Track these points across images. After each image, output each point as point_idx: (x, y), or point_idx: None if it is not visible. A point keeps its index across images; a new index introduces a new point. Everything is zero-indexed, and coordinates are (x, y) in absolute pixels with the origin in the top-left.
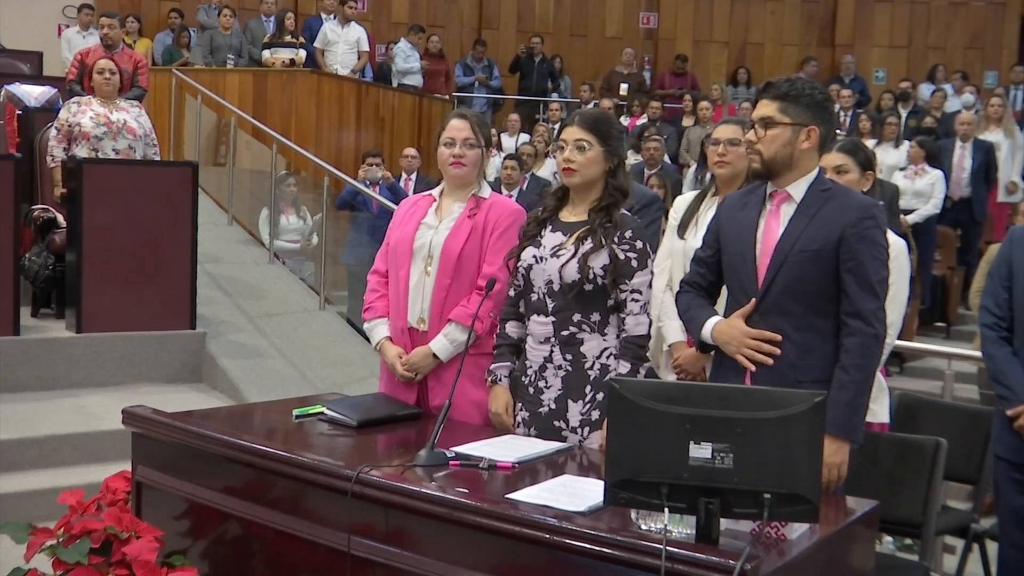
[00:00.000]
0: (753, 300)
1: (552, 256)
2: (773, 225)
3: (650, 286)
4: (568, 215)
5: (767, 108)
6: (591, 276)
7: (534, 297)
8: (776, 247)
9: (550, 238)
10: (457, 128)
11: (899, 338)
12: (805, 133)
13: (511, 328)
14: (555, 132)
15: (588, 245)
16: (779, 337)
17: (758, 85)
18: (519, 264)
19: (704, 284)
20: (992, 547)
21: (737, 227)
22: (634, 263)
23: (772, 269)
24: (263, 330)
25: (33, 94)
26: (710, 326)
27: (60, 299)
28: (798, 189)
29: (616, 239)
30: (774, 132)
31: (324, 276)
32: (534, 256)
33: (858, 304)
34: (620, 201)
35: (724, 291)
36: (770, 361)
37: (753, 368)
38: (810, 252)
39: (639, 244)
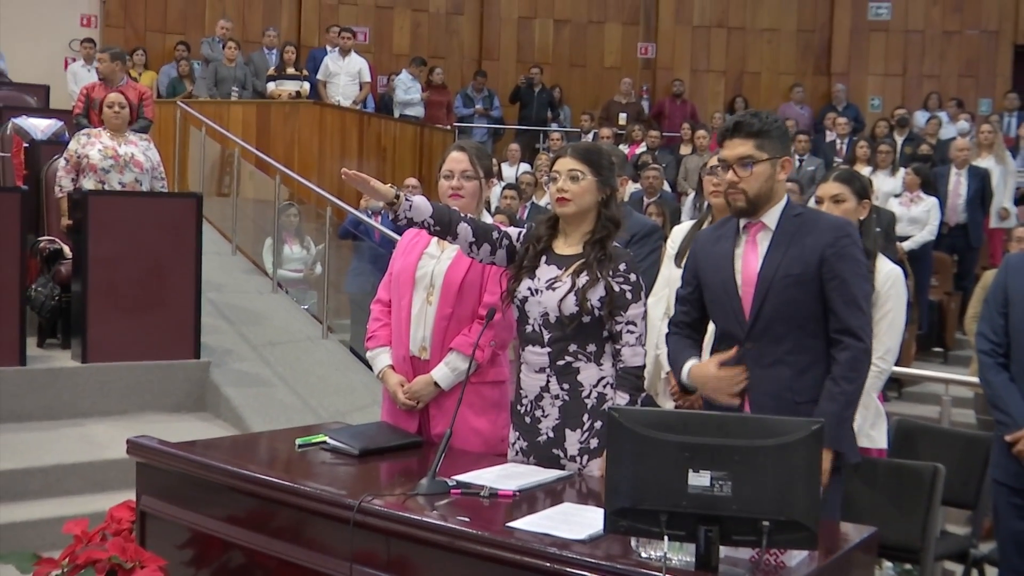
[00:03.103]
0: (735, 348)
1: (547, 289)
2: (751, 255)
3: (644, 317)
4: (562, 247)
5: (743, 147)
6: (589, 308)
7: (529, 328)
8: (759, 276)
9: (545, 271)
10: (456, 160)
11: (897, 364)
12: (780, 164)
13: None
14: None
15: (584, 278)
16: (743, 370)
17: (724, 123)
18: (515, 295)
19: (689, 321)
20: (991, 572)
21: (714, 261)
22: (629, 295)
23: (758, 297)
24: (266, 359)
25: (40, 127)
26: (686, 370)
27: (66, 329)
28: (771, 218)
29: (611, 272)
30: (758, 169)
31: (327, 305)
32: (529, 288)
33: (846, 321)
34: (613, 233)
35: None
36: (737, 401)
37: (736, 402)
38: (793, 277)
39: (633, 277)
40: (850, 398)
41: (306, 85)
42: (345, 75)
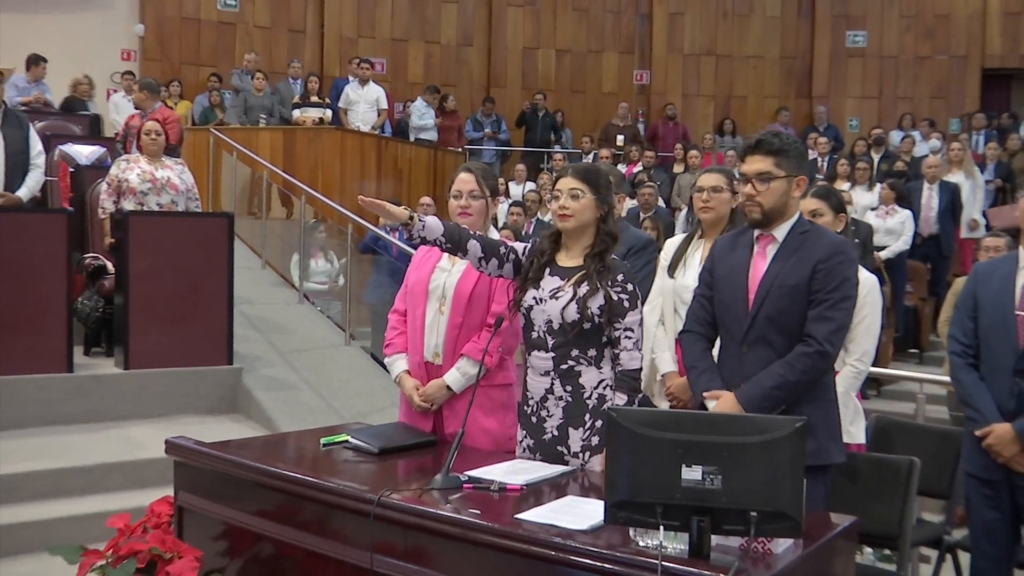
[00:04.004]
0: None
1: (551, 298)
2: (760, 264)
3: (640, 324)
4: (565, 260)
5: (762, 163)
6: (590, 316)
7: (534, 335)
8: (759, 284)
9: (548, 281)
10: (463, 181)
11: (874, 364)
12: (796, 182)
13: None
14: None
15: (585, 288)
16: None
17: (747, 139)
18: (521, 305)
19: (706, 318)
20: (964, 557)
21: (728, 267)
22: (626, 303)
23: (756, 304)
24: (293, 365)
25: (84, 153)
26: (712, 405)
27: (109, 339)
28: (781, 231)
29: (610, 282)
30: (774, 185)
31: (349, 314)
32: (534, 298)
33: (813, 328)
34: (611, 246)
35: None
36: None
37: None
38: (787, 287)
39: (630, 287)
40: (787, 384)
41: (328, 112)
42: (364, 103)
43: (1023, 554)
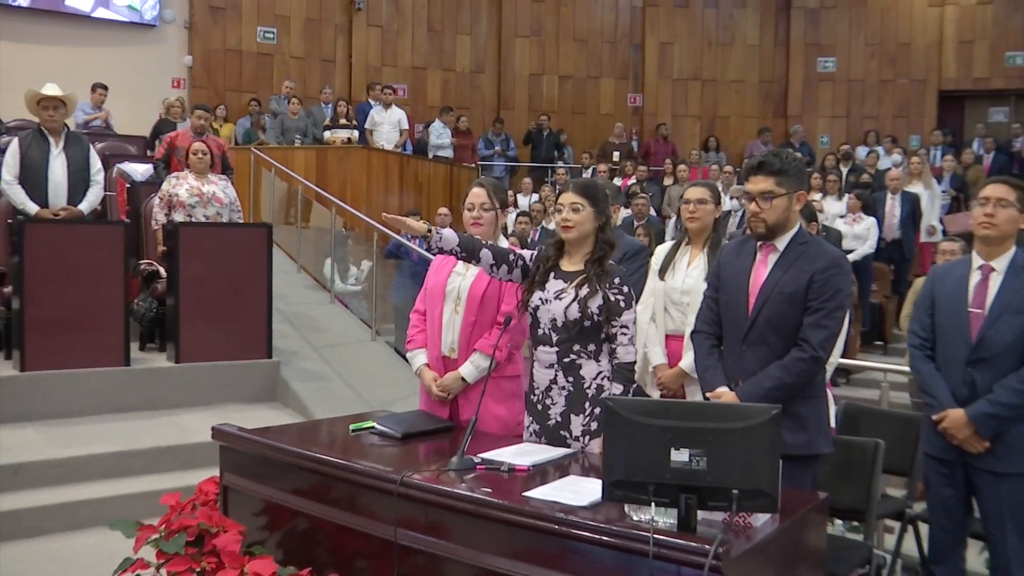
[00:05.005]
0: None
1: (555, 299)
2: (761, 271)
3: (635, 322)
4: (567, 265)
5: (765, 183)
6: (590, 315)
7: (540, 332)
8: (760, 289)
9: (553, 284)
10: (476, 195)
11: (843, 356)
12: (796, 198)
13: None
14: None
15: (585, 290)
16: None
17: (750, 160)
18: (528, 305)
19: (715, 319)
20: (924, 528)
21: (734, 272)
22: (622, 304)
23: (756, 307)
24: (326, 358)
25: (139, 171)
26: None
27: (162, 336)
28: (782, 242)
29: (608, 285)
30: (777, 202)
31: (375, 313)
32: (540, 299)
33: (808, 333)
34: (609, 252)
35: None
36: None
37: None
38: (786, 294)
39: (625, 289)
40: (784, 386)
41: (356, 133)
42: (388, 124)
43: (975, 525)
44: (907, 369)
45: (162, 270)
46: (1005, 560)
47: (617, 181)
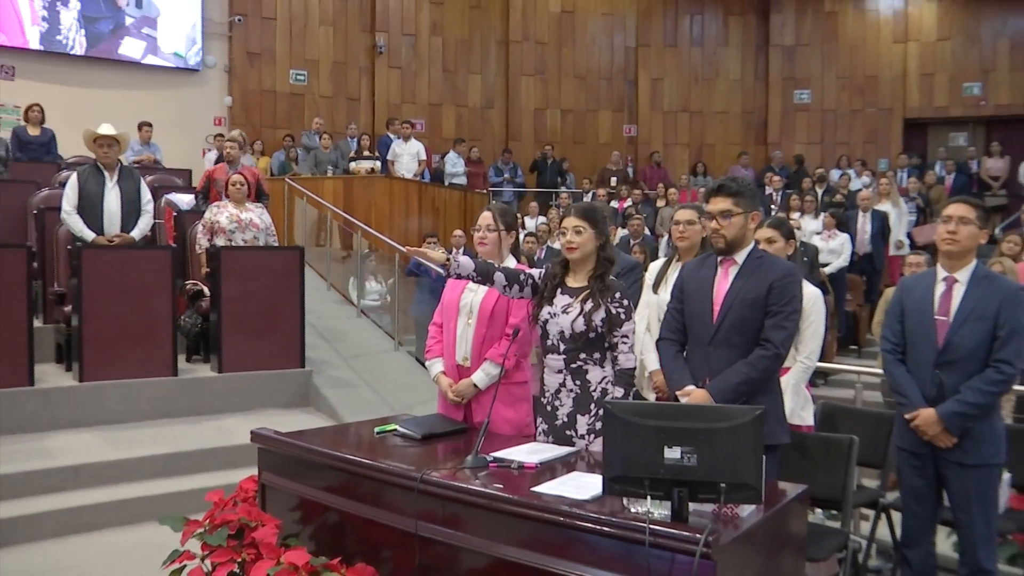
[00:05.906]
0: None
1: (562, 313)
2: (723, 282)
3: (634, 332)
4: (572, 281)
5: (724, 203)
6: (594, 327)
7: (549, 342)
8: (724, 297)
9: (560, 299)
10: (483, 218)
11: (820, 360)
12: (751, 217)
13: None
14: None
15: (590, 304)
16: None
17: (709, 185)
18: (539, 319)
19: (678, 327)
20: (896, 515)
21: (697, 284)
22: (623, 316)
23: (721, 313)
24: (353, 367)
25: (184, 200)
26: (685, 400)
27: (206, 348)
28: (741, 256)
29: (609, 299)
30: (734, 220)
31: (397, 325)
32: (549, 313)
33: (769, 333)
34: (610, 269)
35: None
36: None
37: None
38: (748, 300)
39: (625, 302)
40: (750, 381)
41: (379, 163)
42: (407, 155)
43: (944, 512)
44: (880, 371)
45: (206, 289)
46: (972, 543)
47: (614, 204)
